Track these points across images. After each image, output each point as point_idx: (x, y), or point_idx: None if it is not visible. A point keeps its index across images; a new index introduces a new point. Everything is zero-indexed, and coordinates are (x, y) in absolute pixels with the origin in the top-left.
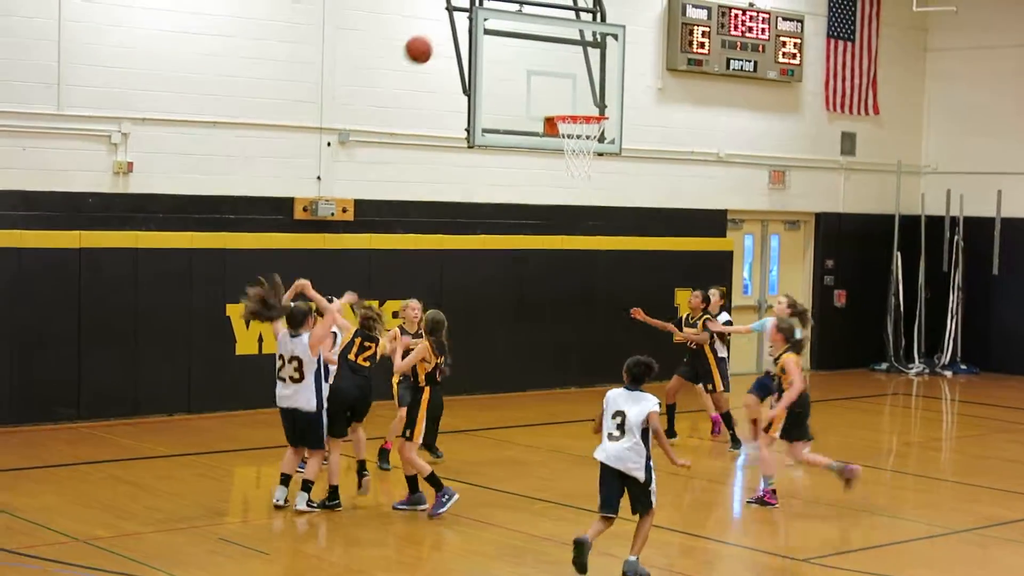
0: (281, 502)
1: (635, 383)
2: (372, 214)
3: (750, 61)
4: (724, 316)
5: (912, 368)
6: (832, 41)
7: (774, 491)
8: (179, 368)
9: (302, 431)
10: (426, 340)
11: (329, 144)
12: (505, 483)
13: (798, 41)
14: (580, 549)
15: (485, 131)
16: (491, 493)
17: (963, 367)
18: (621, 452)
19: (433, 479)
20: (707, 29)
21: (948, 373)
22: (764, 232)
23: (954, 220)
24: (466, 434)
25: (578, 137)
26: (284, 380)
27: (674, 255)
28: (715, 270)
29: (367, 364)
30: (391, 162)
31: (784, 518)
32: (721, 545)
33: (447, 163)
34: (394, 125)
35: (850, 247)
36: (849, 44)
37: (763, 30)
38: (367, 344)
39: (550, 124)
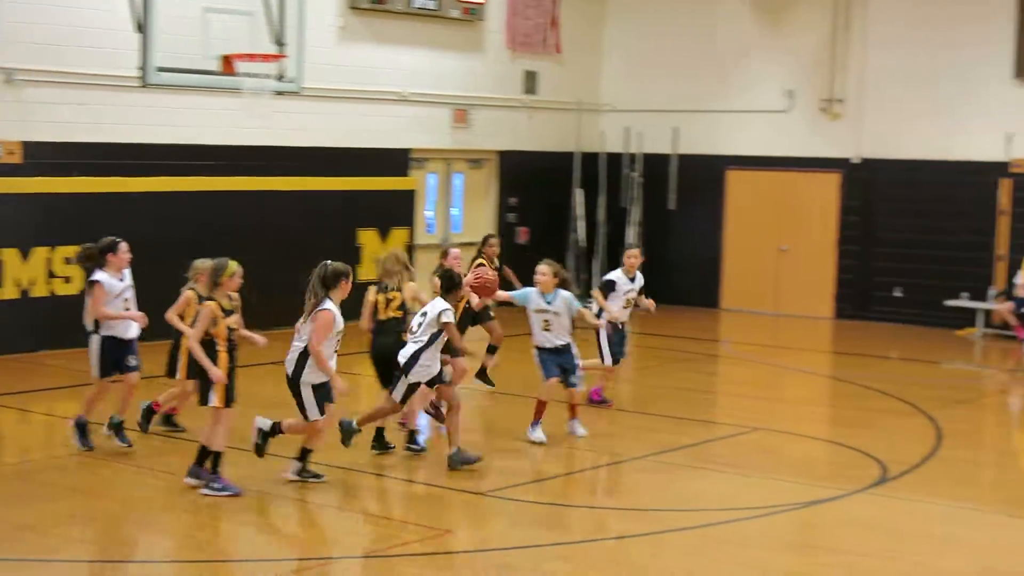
0: None
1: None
2: (43, 156)
3: None
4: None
5: (590, 303)
6: None
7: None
8: None
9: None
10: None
11: None
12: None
13: None
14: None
15: (160, 69)
16: (169, 441)
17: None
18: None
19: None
20: None
21: None
22: (447, 171)
23: (632, 157)
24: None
25: (256, 76)
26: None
27: (358, 195)
28: (399, 209)
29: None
30: (62, 102)
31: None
32: (410, 484)
33: (121, 103)
34: (65, 63)
35: (532, 185)
36: None
37: None
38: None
39: (227, 63)
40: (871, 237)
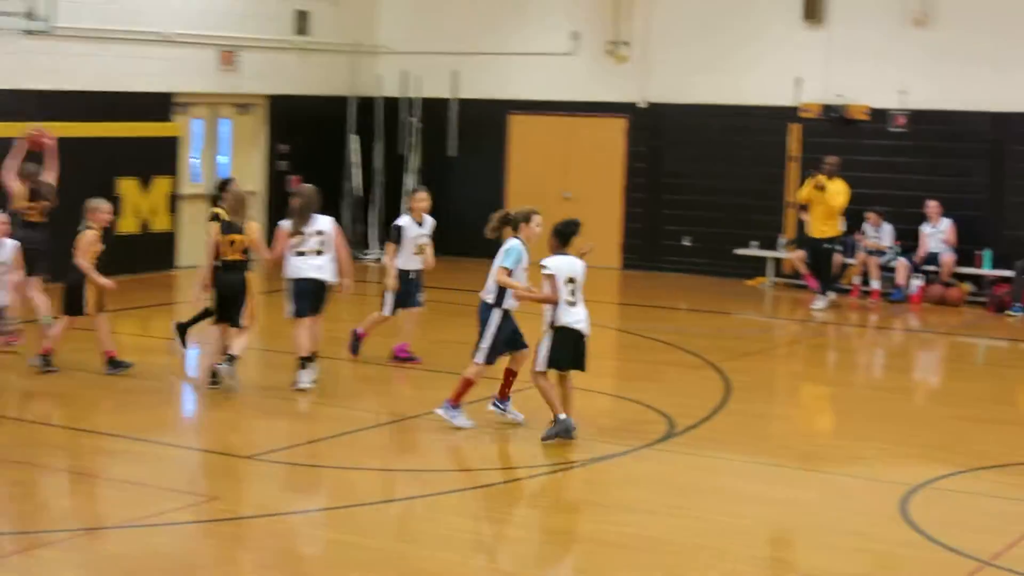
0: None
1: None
2: None
3: None
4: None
5: (368, 255)
6: None
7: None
8: None
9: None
10: None
11: None
12: None
13: None
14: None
15: None
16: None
17: None
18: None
19: None
20: None
21: None
22: (214, 116)
23: (411, 102)
24: None
25: (4, 14)
26: None
27: (116, 142)
28: (161, 157)
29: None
30: None
31: (233, 416)
32: (160, 447)
33: None
34: None
35: (305, 131)
36: None
37: None
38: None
39: None
40: (659, 184)
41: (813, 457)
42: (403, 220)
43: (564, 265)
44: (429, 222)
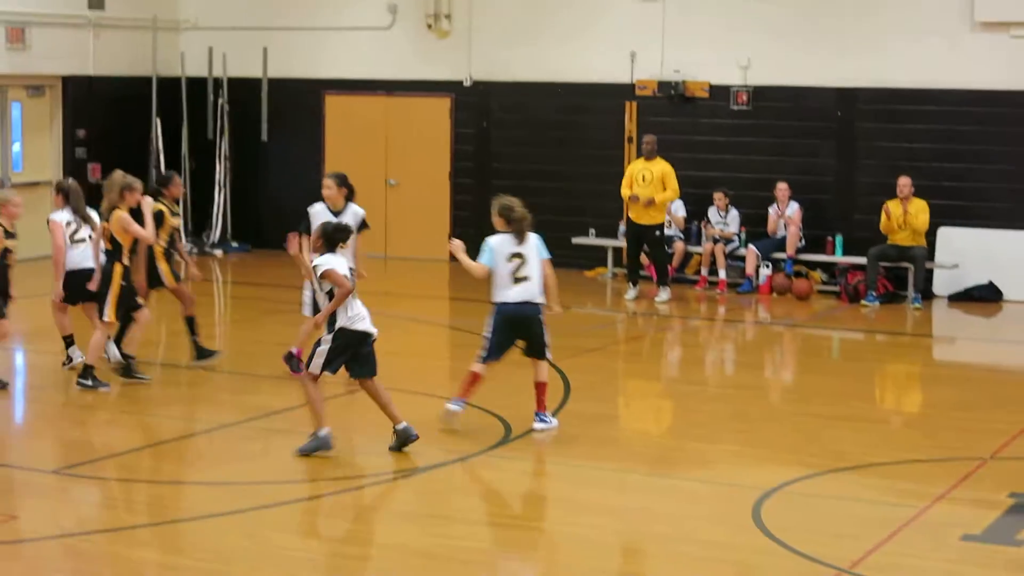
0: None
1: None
2: None
3: None
4: None
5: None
6: None
7: None
8: None
9: None
10: None
11: None
12: None
13: None
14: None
15: None
16: None
17: (234, 245)
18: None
19: None
20: None
21: (218, 252)
22: (3, 99)
23: (218, 82)
24: None
25: None
26: None
27: None
28: None
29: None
30: None
31: (36, 426)
32: None
33: None
34: None
35: (104, 115)
36: None
37: None
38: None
39: None
40: (488, 169)
41: (660, 461)
42: (315, 207)
43: (336, 260)
44: (352, 212)
